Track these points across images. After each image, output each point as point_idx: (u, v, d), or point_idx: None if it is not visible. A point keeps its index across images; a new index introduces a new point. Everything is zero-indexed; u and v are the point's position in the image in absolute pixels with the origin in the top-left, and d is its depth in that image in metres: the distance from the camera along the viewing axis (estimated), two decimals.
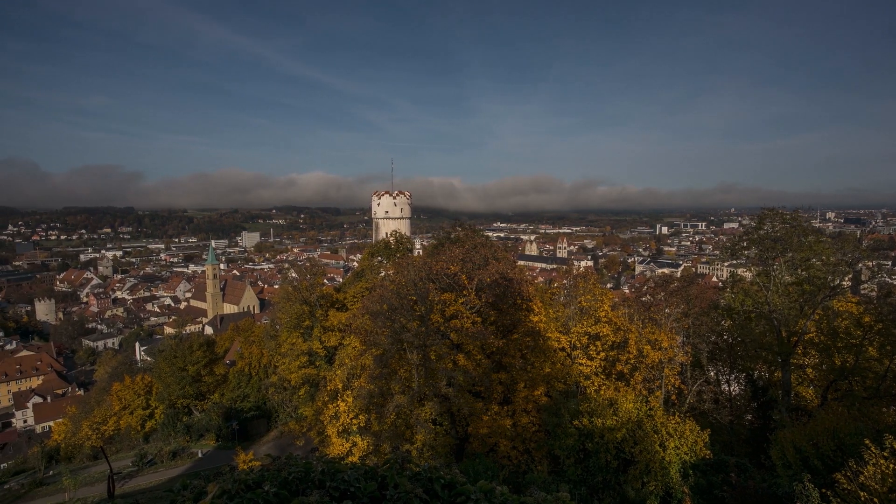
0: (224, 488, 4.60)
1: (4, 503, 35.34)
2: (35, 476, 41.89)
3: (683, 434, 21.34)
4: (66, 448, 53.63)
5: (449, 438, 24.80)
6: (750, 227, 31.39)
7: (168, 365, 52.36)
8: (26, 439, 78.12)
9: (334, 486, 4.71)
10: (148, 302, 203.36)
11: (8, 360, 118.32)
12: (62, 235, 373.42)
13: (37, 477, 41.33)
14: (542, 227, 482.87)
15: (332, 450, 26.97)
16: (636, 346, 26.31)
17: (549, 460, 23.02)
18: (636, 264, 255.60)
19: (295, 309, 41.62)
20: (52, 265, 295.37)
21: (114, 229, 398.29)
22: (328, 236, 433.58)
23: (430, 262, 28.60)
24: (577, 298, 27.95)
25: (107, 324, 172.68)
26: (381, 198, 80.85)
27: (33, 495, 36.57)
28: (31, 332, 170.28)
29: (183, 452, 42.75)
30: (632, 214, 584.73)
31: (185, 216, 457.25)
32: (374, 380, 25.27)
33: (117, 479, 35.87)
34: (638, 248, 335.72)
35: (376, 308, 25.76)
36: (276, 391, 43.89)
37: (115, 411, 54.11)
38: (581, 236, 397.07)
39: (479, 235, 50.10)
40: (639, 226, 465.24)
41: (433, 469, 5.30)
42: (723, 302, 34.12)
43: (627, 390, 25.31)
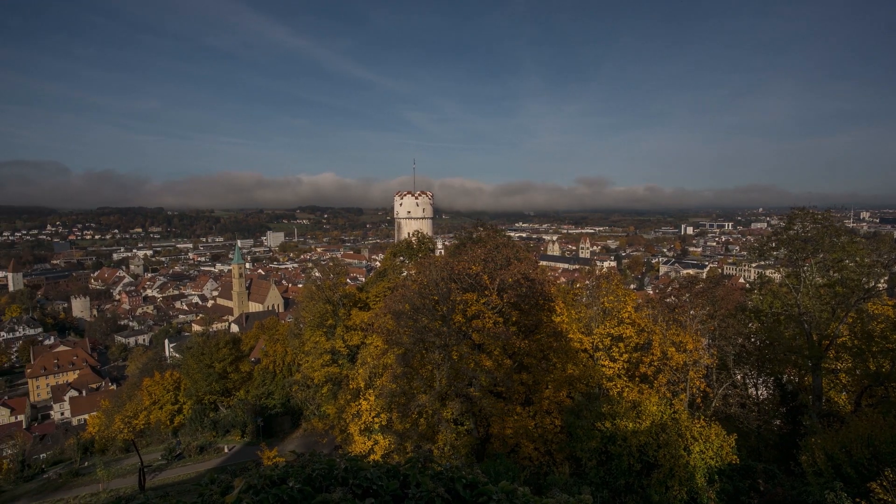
0: (250, 483, 4.70)
1: (45, 492, 36.75)
2: (72, 467, 43.44)
3: (709, 438, 20.94)
4: (100, 440, 55.45)
5: (470, 438, 24.85)
6: (779, 227, 30.60)
7: (196, 362, 53.66)
8: (63, 431, 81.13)
9: (357, 483, 4.76)
10: (176, 300, 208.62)
11: (46, 354, 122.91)
12: (96, 235, 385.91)
13: (73, 467, 42.86)
14: (565, 227, 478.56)
15: (354, 448, 27.28)
16: (660, 348, 25.91)
17: (571, 462, 22.85)
18: (660, 265, 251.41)
19: (318, 308, 42.16)
20: (86, 264, 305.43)
21: (144, 229, 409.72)
22: (351, 236, 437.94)
23: (452, 262, 28.69)
24: (599, 299, 27.66)
25: (138, 321, 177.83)
26: (403, 198, 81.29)
27: (70, 485, 37.96)
28: (68, 328, 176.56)
29: (210, 447, 43.77)
30: (655, 214, 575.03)
31: (212, 216, 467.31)
32: (396, 379, 25.47)
33: (147, 471, 36.97)
34: (662, 248, 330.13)
35: (398, 308, 25.95)
36: (300, 389, 44.57)
37: (145, 406, 55.71)
38: (604, 236, 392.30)
39: (501, 235, 49.96)
40: (663, 226, 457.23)
41: (455, 469, 5.31)
42: (750, 304, 33.30)
43: (651, 393, 24.95)
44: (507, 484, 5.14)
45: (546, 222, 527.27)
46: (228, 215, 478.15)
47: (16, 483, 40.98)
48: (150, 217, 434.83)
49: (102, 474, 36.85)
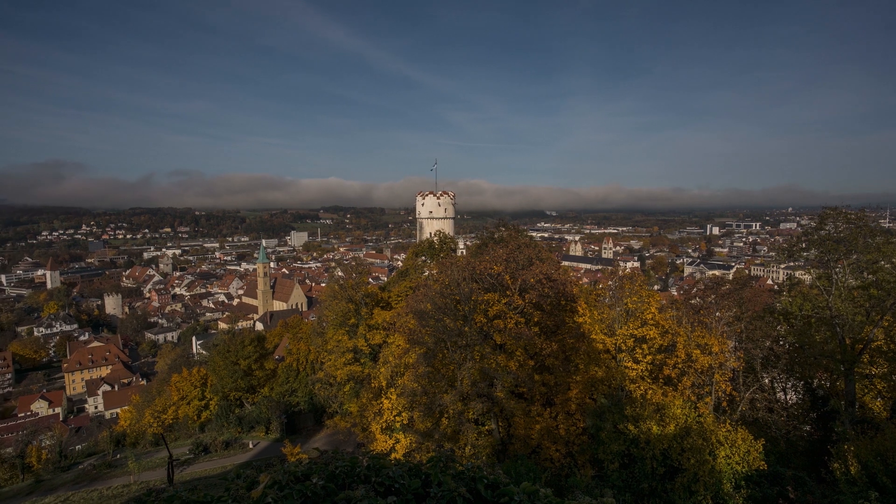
0: (275, 479, 4.81)
1: (81, 482, 38.09)
2: (105, 458, 44.89)
3: (735, 443, 20.52)
4: (132, 434, 57.12)
5: (491, 439, 24.86)
6: (810, 227, 29.73)
7: (222, 359, 54.81)
8: (97, 424, 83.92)
9: (379, 481, 4.82)
10: (203, 298, 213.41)
11: (81, 349, 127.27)
12: (128, 235, 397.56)
13: (106, 459, 44.28)
14: (587, 227, 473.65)
15: (375, 446, 27.55)
16: (685, 350, 25.46)
17: (593, 465, 22.67)
18: (685, 266, 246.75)
19: (341, 307, 42.61)
20: (119, 262, 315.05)
21: (173, 229, 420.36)
22: (373, 236, 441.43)
23: (474, 262, 28.72)
24: (622, 300, 27.31)
25: (167, 318, 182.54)
26: (425, 198, 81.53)
27: (104, 476, 39.25)
28: (101, 325, 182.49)
29: (235, 443, 44.67)
30: (680, 214, 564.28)
31: (237, 216, 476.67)
32: (417, 378, 25.63)
33: (176, 465, 37.98)
34: (687, 248, 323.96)
35: (420, 307, 26.11)
36: (323, 387, 45.10)
37: (173, 401, 57.16)
38: (627, 237, 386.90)
39: (523, 236, 49.76)
40: (687, 226, 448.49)
41: (477, 468, 5.32)
42: (779, 306, 32.42)
43: (675, 395, 24.55)
44: (528, 485, 5.13)
45: (568, 222, 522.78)
46: (254, 215, 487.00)
47: (54, 472, 42.58)
48: (178, 217, 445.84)
49: (133, 466, 37.99)
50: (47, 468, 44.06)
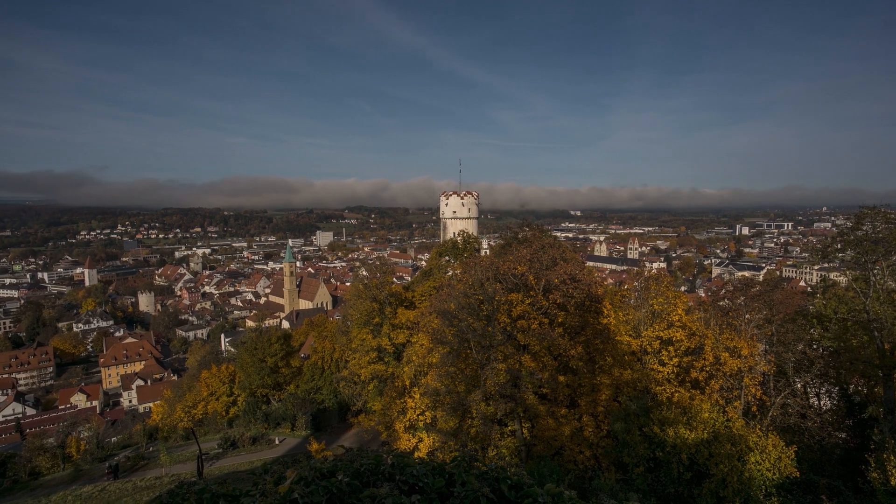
0: (301, 475, 4.91)
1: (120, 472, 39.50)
2: (138, 451, 46.42)
3: (765, 449, 20.03)
4: (163, 427, 58.81)
5: (514, 439, 24.80)
6: (845, 227, 28.74)
7: (249, 356, 55.92)
8: (131, 417, 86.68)
9: (403, 479, 4.86)
10: (232, 296, 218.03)
11: (117, 345, 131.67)
12: (160, 234, 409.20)
13: (140, 452, 45.79)
14: (613, 227, 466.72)
15: (399, 444, 27.80)
16: (712, 352, 24.93)
17: (617, 468, 22.42)
18: (713, 266, 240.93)
19: (365, 306, 43.00)
20: (152, 261, 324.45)
21: (203, 228, 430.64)
22: (397, 236, 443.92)
23: (498, 262, 28.68)
24: (648, 301, 26.90)
25: (196, 316, 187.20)
26: (449, 198, 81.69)
27: (137, 468, 40.62)
28: (135, 322, 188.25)
29: (262, 439, 45.58)
30: (708, 214, 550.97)
31: (265, 216, 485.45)
32: (440, 378, 25.75)
33: (205, 459, 39.02)
34: (715, 249, 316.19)
35: (444, 307, 26.22)
36: (347, 385, 45.61)
37: (203, 397, 58.58)
38: (653, 237, 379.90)
39: (548, 236, 49.41)
40: (716, 226, 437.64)
41: (500, 469, 5.31)
42: (812, 309, 31.42)
43: (702, 399, 24.07)
44: (553, 486, 5.10)
45: (593, 222, 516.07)
46: (280, 215, 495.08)
47: (92, 463, 44.25)
48: (208, 217, 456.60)
49: (165, 459, 39.18)
50: (86, 459, 45.79)
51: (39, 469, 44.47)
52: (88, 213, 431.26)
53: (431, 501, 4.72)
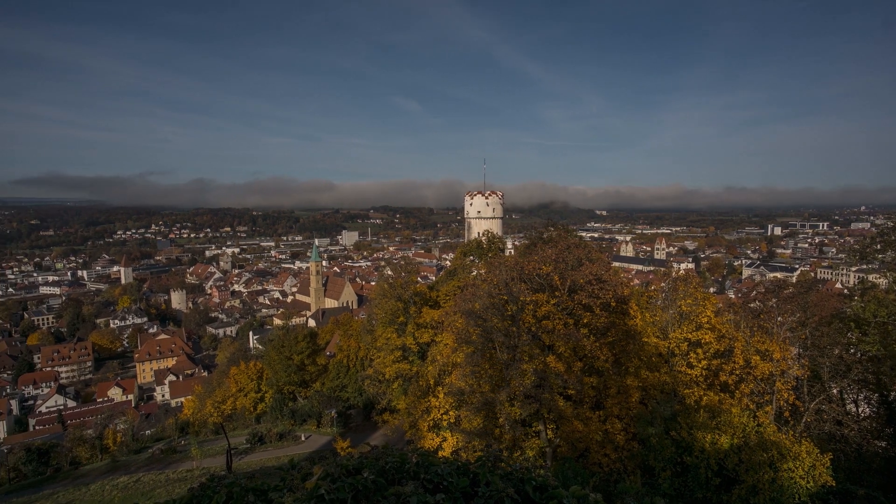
0: (328, 471, 4.99)
1: (151, 465, 40.90)
2: (170, 444, 47.84)
3: (799, 456, 19.44)
4: (194, 422, 60.47)
5: (538, 440, 24.68)
6: (886, 226, 27.67)
7: (276, 353, 57.04)
8: (164, 411, 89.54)
9: (428, 478, 4.90)
10: (260, 295, 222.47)
11: (150, 341, 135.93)
12: (192, 234, 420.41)
13: (172, 445, 47.18)
14: (639, 227, 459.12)
15: (423, 443, 27.96)
16: (743, 355, 24.32)
17: (643, 471, 22.08)
18: (743, 267, 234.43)
19: (390, 305, 43.36)
20: (183, 260, 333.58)
21: (233, 228, 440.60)
22: (422, 235, 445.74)
23: (522, 262, 28.57)
24: (676, 302, 26.40)
25: (226, 313, 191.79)
26: (473, 198, 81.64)
27: (169, 461, 41.88)
28: (168, 319, 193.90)
29: (288, 435, 46.38)
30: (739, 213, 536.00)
31: (292, 216, 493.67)
32: (464, 377, 25.81)
33: (234, 454, 39.95)
34: (745, 249, 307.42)
35: (468, 307, 26.26)
36: (372, 383, 46.09)
37: (232, 393, 60.02)
38: (681, 237, 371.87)
39: (573, 236, 48.96)
40: (746, 226, 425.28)
41: (525, 470, 5.30)
42: (849, 311, 30.31)
43: (732, 403, 23.50)
44: (578, 489, 5.07)
45: (619, 222, 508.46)
46: (307, 215, 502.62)
47: (127, 454, 45.86)
48: (237, 217, 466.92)
49: (196, 453, 40.27)
50: (122, 450, 47.49)
51: (79, 459, 46.32)
52: (124, 214, 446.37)
53: (456, 501, 4.74)
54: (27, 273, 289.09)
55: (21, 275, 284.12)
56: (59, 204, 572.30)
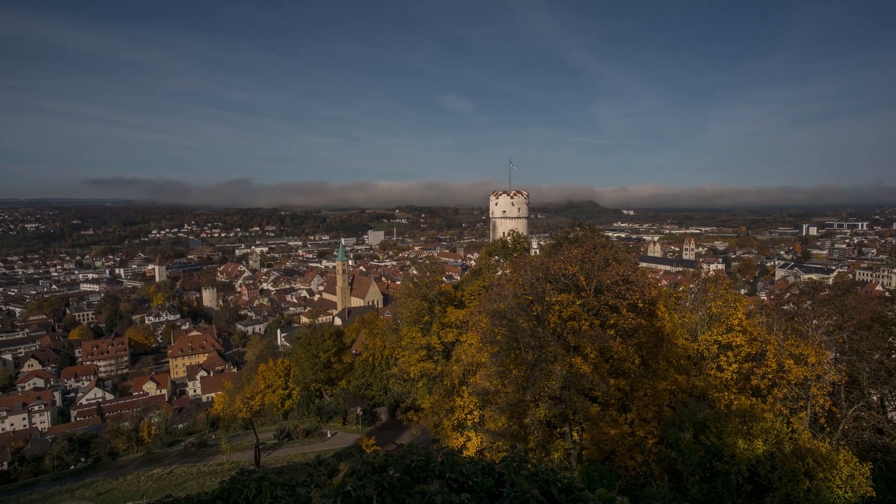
0: (354, 468, 5.00)
1: (184, 457, 42.16)
2: (202, 438, 49.18)
3: (836, 464, 18.79)
4: (224, 417, 62.02)
5: (563, 442, 24.49)
6: None
7: (303, 351, 57.98)
8: (195, 406, 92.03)
9: (453, 477, 4.89)
10: (287, 293, 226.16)
11: (183, 338, 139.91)
12: (222, 233, 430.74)
13: (203, 439, 48.50)
14: (667, 227, 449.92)
15: (447, 442, 28.06)
16: (776, 359, 23.60)
17: (671, 476, 21.67)
18: (776, 268, 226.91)
19: (415, 304, 43.58)
20: (214, 259, 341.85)
21: (261, 228, 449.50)
22: (447, 235, 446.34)
23: (548, 262, 28.39)
24: (705, 304, 25.82)
25: (255, 311, 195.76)
26: (498, 198, 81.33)
27: (201, 454, 43.08)
28: (199, 316, 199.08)
29: (315, 431, 47.11)
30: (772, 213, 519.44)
31: (319, 216, 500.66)
32: (489, 377, 25.80)
33: (262, 448, 40.82)
34: (779, 250, 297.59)
35: (493, 307, 26.24)
36: (397, 382, 46.42)
37: (260, 389, 61.29)
38: (711, 237, 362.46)
39: (599, 236, 48.31)
40: (780, 226, 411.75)
41: (551, 471, 5.24)
42: (891, 315, 29.08)
43: (764, 408, 22.84)
44: (605, 492, 5.00)
45: (647, 222, 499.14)
46: (334, 215, 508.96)
47: (161, 447, 47.39)
48: (266, 217, 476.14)
49: (226, 447, 41.33)
50: (156, 443, 49.09)
51: (117, 450, 48.08)
52: (158, 213, 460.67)
53: (481, 500, 4.71)
54: (69, 271, 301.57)
55: (64, 272, 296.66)
56: (99, 204, 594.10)
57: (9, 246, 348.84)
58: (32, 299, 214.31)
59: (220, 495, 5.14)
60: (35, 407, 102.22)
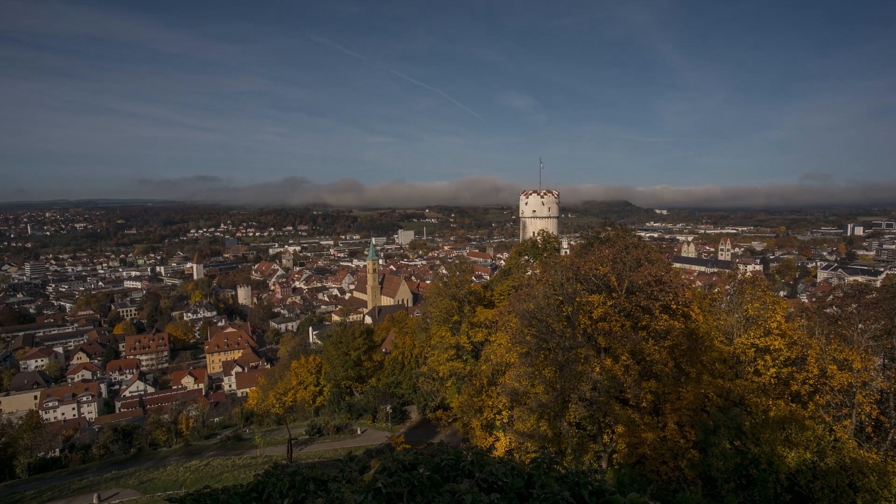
0: (385, 465, 5.07)
1: (220, 450, 43.49)
2: (237, 431, 50.64)
3: (885, 475, 17.98)
4: (258, 412, 63.62)
5: (593, 444, 24.19)
6: None
7: (335, 349, 58.91)
8: (231, 400, 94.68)
9: (483, 477, 4.90)
10: (319, 292, 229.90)
11: (219, 334, 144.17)
12: (256, 232, 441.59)
13: (238, 433, 49.94)
14: (702, 226, 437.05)
15: (476, 442, 28.07)
16: (817, 364, 22.70)
17: (704, 482, 21.12)
18: (818, 270, 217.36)
19: (444, 304, 43.73)
20: (249, 257, 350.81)
21: (294, 227, 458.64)
22: (477, 235, 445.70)
23: (578, 262, 28.08)
24: (742, 306, 25.04)
25: (287, 309, 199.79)
26: (528, 197, 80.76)
27: (235, 447, 44.35)
28: (234, 313, 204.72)
29: (345, 428, 47.82)
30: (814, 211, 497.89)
31: (350, 216, 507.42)
32: (518, 378, 25.71)
33: (294, 444, 41.73)
34: (821, 251, 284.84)
35: (522, 307, 26.13)
36: (426, 381, 46.68)
37: (292, 385, 62.57)
38: (748, 237, 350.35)
39: (631, 236, 47.45)
40: (822, 225, 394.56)
41: (581, 474, 5.20)
42: None
43: (805, 414, 21.99)
44: (637, 496, 4.89)
45: (680, 221, 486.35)
46: (364, 215, 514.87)
47: (198, 439, 49.03)
48: (298, 216, 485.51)
49: (259, 442, 42.43)
50: (193, 435, 50.80)
51: (157, 441, 49.99)
52: (197, 213, 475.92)
53: (510, 501, 4.69)
54: (114, 268, 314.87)
55: (109, 270, 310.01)
56: (141, 205, 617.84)
57: (60, 245, 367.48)
58: (81, 295, 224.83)
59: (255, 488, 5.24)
60: (83, 398, 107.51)
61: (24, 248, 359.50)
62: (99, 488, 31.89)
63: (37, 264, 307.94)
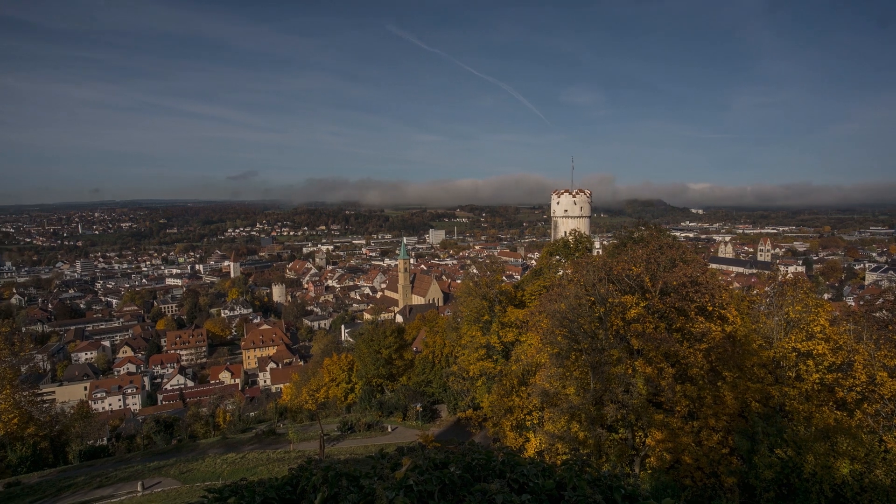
0: (416, 463, 5.15)
1: (255, 444, 44.71)
2: (271, 426, 51.91)
3: None
4: (292, 407, 65.02)
5: (624, 447, 23.80)
6: None
7: (366, 347, 59.66)
8: (265, 396, 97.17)
9: (514, 478, 4.93)
10: (351, 290, 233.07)
11: (254, 331, 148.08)
12: (291, 232, 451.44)
13: (272, 427, 51.19)
14: (740, 226, 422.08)
15: (506, 442, 28.01)
16: (866, 371, 21.67)
17: (742, 490, 20.49)
18: (866, 272, 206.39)
19: (475, 303, 43.72)
20: (283, 256, 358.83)
21: (327, 227, 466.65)
22: (508, 234, 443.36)
23: (611, 262, 27.67)
24: (783, 308, 24.14)
25: (320, 307, 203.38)
26: (560, 196, 79.86)
27: (270, 441, 45.49)
28: (269, 311, 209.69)
29: (376, 425, 48.37)
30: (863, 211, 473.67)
31: (382, 215, 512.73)
32: (549, 379, 25.52)
33: (326, 440, 42.50)
34: (869, 252, 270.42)
35: (554, 307, 25.92)
36: (456, 380, 46.78)
37: (325, 382, 63.69)
38: (789, 237, 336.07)
39: (666, 235, 46.41)
40: (871, 225, 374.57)
41: (614, 477, 5.17)
42: None
43: (851, 423, 21.04)
44: (671, 502, 4.88)
45: (717, 221, 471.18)
46: (396, 214, 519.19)
47: (234, 433, 50.49)
48: (331, 216, 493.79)
49: (293, 437, 43.40)
50: (230, 429, 52.35)
51: (196, 433, 51.77)
52: (234, 213, 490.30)
53: (541, 503, 4.70)
54: (156, 266, 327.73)
55: (152, 267, 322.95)
56: (181, 205, 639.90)
57: (108, 243, 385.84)
58: (126, 292, 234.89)
59: (290, 482, 5.30)
60: (128, 390, 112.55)
61: (75, 246, 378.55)
62: (143, 477, 33.22)
63: (86, 262, 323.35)
